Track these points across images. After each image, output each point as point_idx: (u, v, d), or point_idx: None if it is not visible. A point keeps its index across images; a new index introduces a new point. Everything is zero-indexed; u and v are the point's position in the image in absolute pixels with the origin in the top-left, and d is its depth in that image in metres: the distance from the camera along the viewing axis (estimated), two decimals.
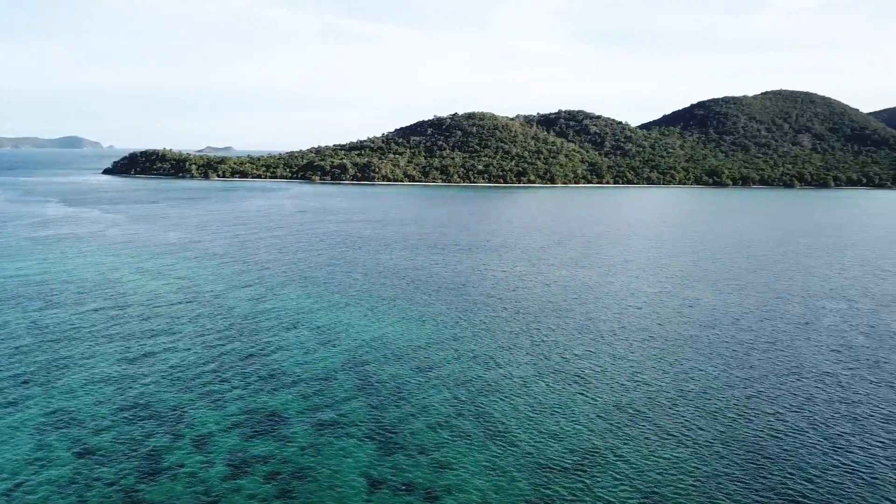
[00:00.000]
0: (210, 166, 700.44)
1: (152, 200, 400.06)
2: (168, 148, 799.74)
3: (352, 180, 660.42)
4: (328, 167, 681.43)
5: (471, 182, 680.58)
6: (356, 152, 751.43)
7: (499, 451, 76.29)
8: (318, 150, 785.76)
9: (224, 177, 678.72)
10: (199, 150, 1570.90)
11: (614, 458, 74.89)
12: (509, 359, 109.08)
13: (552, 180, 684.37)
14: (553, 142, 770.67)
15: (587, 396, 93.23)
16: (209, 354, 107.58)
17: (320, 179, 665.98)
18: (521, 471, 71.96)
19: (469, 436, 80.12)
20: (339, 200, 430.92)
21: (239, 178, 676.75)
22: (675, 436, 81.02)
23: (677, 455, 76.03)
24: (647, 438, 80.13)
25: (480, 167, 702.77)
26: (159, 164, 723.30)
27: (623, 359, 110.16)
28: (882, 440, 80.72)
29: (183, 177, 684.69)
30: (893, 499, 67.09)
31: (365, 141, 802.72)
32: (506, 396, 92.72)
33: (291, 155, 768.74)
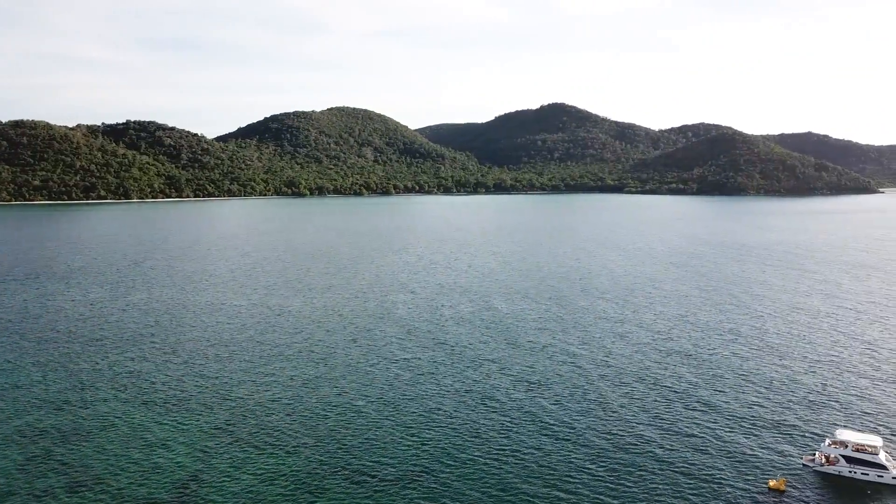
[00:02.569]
0: None
1: None
2: None
3: None
4: None
5: (26, 200, 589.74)
6: None
7: (88, 497, 69.27)
8: None
9: None
10: None
11: (213, 489, 74.41)
12: (93, 396, 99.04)
13: (126, 195, 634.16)
14: (124, 154, 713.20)
15: (183, 422, 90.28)
16: None
17: None
18: None
19: (47, 491, 70.85)
20: None
21: None
22: (265, 449, 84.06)
23: (267, 463, 79.12)
24: (236, 454, 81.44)
25: (37, 182, 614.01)
26: None
27: (215, 378, 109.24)
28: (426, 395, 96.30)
29: None
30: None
31: None
32: (87, 440, 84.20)
33: None
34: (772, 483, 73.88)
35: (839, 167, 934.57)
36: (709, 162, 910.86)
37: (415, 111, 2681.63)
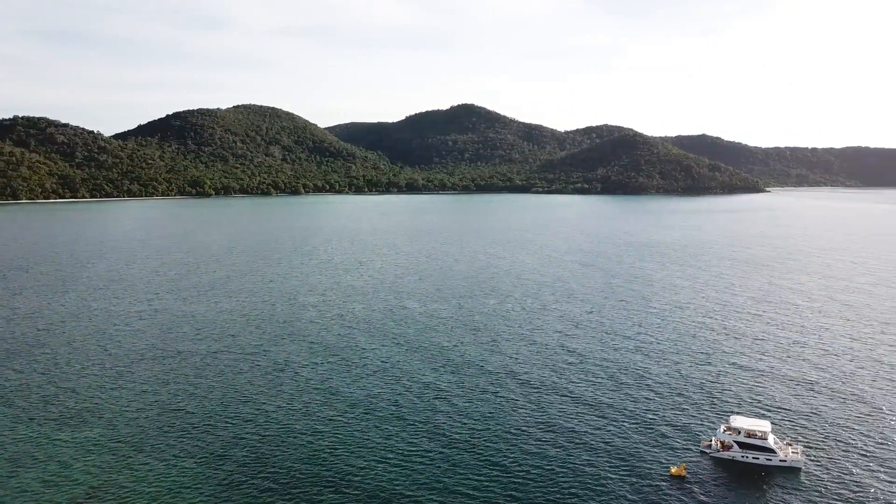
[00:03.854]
0: None
1: None
2: None
3: None
4: None
5: None
6: None
7: None
8: None
9: None
10: None
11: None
12: None
13: (14, 196, 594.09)
14: (11, 152, 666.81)
15: (76, 436, 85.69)
16: None
17: None
18: None
19: None
20: None
21: None
22: (166, 459, 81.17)
23: (165, 475, 76.47)
24: (134, 466, 78.33)
25: None
26: None
27: (112, 388, 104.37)
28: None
29: None
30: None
31: None
32: None
33: None
34: (673, 470, 77.62)
35: (730, 168, 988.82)
36: (612, 162, 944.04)
37: (324, 110, 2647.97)
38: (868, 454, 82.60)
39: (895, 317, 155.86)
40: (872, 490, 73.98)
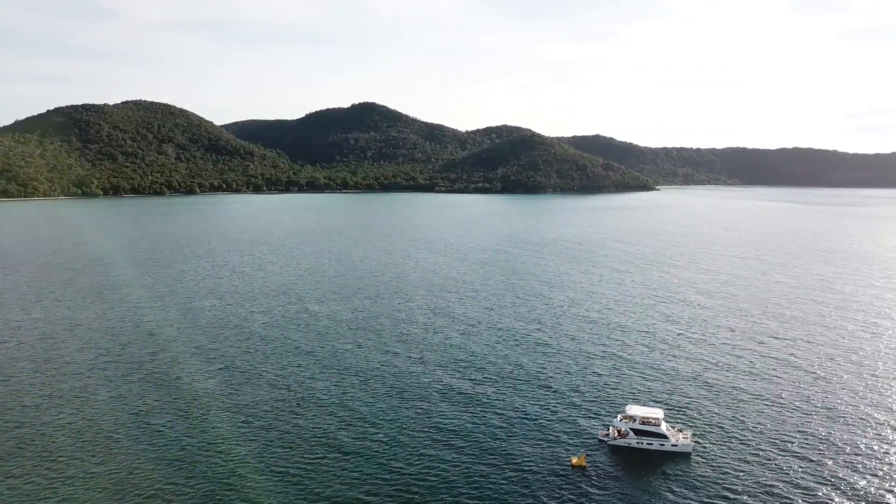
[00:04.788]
0: None
1: None
2: None
3: None
4: None
5: None
6: None
7: None
8: None
9: None
10: None
11: None
12: None
13: None
14: None
15: None
16: None
17: None
18: None
19: None
20: None
21: None
22: (60, 471, 77.00)
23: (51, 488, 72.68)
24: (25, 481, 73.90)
25: None
26: None
27: None
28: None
29: None
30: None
31: None
32: None
33: None
34: (574, 460, 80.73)
35: (623, 167, 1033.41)
36: (511, 162, 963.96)
37: (221, 107, 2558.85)
38: (749, 437, 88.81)
39: (774, 307, 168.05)
40: (753, 470, 79.69)
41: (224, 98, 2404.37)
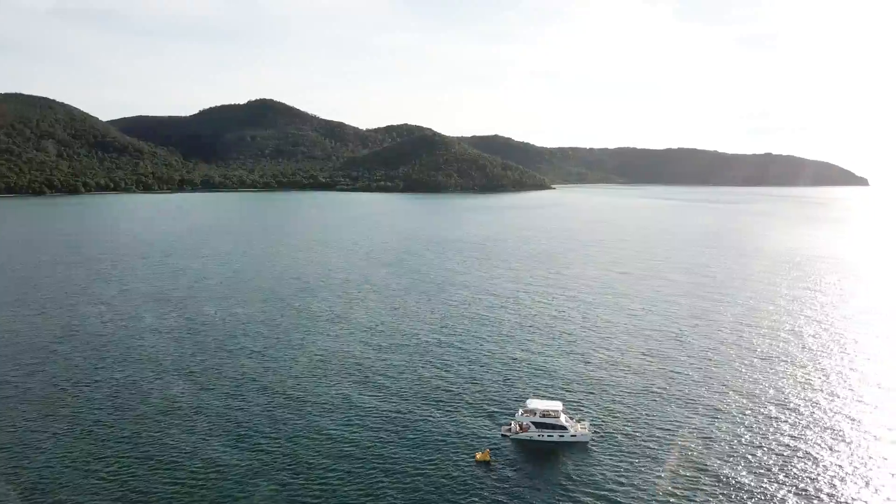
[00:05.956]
0: None
1: None
2: None
3: None
4: None
5: None
6: None
7: None
8: None
9: None
10: None
11: None
12: None
13: None
14: None
15: None
16: None
17: None
18: None
19: None
20: None
21: None
22: None
23: None
24: None
25: None
26: None
27: None
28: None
29: None
30: None
31: None
32: None
33: None
34: (478, 455, 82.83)
35: (521, 167, 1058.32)
36: (413, 161, 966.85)
37: (107, 102, 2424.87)
38: (642, 424, 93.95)
39: (663, 304, 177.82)
40: (647, 455, 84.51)
41: (110, 93, 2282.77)
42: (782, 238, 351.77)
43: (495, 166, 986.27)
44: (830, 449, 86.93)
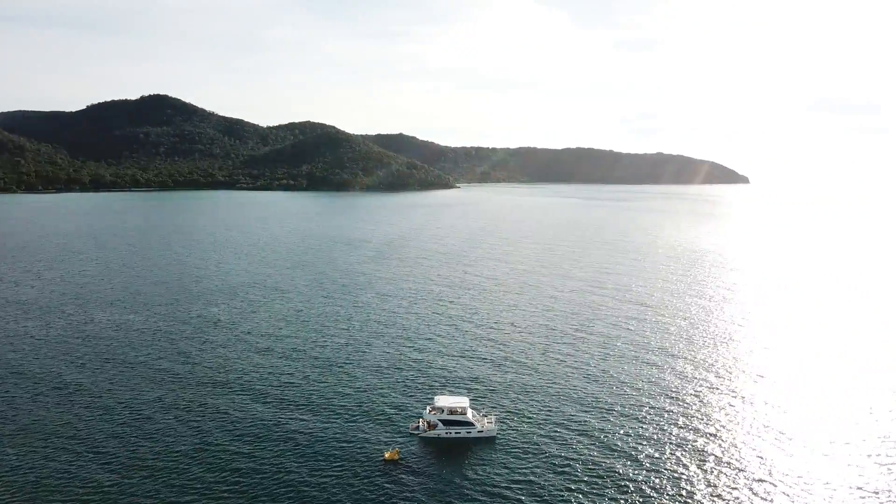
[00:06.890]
0: None
1: None
2: None
3: None
4: None
5: None
6: None
7: None
8: None
9: None
10: None
11: None
12: None
13: None
14: None
15: None
16: None
17: None
18: None
19: None
20: None
21: None
22: None
23: None
24: None
25: None
26: None
27: None
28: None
29: None
30: None
31: None
32: None
33: None
34: (387, 455, 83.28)
35: (426, 165, 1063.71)
36: (316, 159, 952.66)
37: None
38: (547, 419, 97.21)
39: (564, 302, 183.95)
40: (551, 448, 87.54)
41: None
42: (672, 233, 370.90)
43: (400, 165, 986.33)
44: (717, 439, 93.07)
